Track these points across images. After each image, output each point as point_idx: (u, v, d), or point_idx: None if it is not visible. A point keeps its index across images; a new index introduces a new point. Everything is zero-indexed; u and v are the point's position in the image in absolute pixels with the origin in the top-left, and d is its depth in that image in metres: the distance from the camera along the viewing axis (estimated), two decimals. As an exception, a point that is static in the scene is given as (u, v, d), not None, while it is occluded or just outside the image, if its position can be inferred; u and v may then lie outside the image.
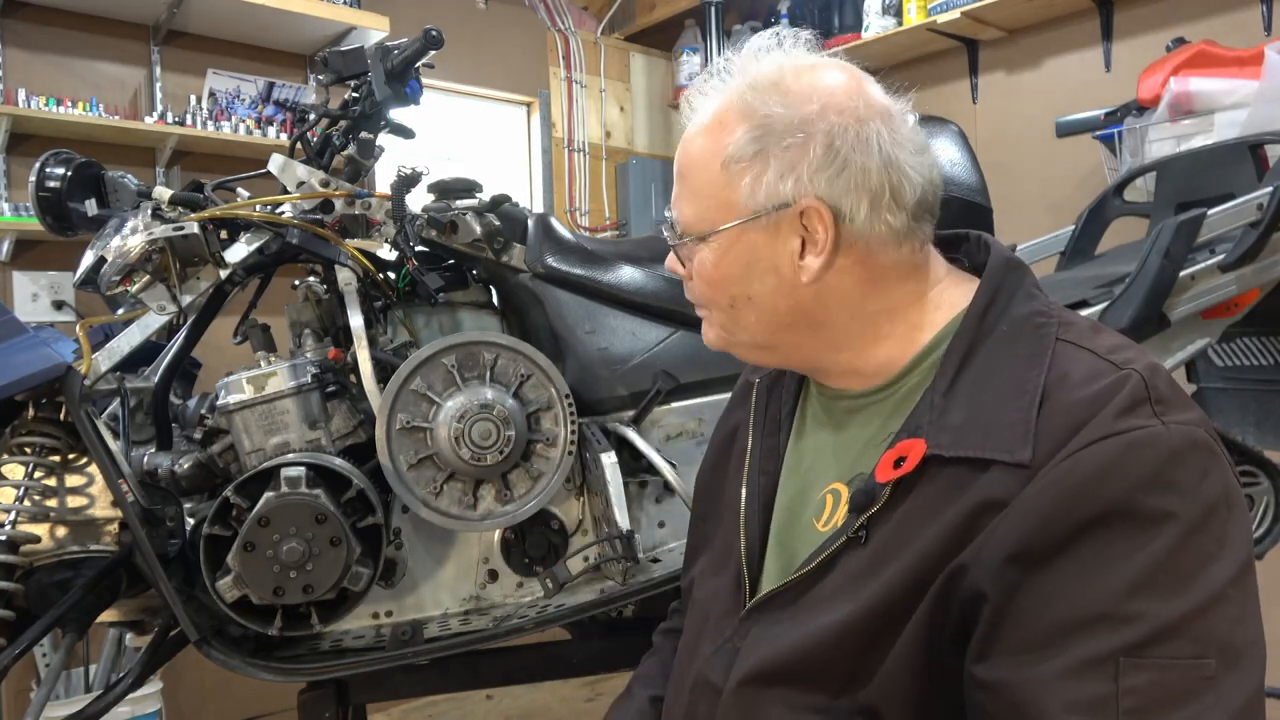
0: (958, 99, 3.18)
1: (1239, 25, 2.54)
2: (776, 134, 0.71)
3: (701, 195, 0.76)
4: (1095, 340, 0.68)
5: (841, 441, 0.80)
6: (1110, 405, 0.62)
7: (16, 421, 1.34)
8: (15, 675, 2.36)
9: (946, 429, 0.67)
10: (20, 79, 2.55)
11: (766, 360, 0.83)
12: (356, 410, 1.46)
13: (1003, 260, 0.75)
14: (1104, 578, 0.58)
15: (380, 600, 1.49)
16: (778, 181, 0.72)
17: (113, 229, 1.43)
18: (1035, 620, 0.60)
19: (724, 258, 0.76)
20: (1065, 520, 0.60)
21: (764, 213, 0.73)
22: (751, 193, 0.73)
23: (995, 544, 0.61)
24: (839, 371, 0.79)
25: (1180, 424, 0.61)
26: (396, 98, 1.48)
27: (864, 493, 0.70)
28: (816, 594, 0.72)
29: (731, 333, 0.80)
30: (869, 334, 0.76)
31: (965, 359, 0.70)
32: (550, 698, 3.07)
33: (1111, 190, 1.83)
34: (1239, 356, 1.68)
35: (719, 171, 0.74)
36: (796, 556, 0.78)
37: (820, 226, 0.72)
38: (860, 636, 0.67)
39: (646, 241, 1.64)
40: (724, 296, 0.78)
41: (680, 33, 3.94)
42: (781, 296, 0.75)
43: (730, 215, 0.74)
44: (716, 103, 0.76)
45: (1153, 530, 0.58)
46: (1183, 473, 0.60)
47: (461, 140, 3.56)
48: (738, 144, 0.73)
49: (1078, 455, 0.60)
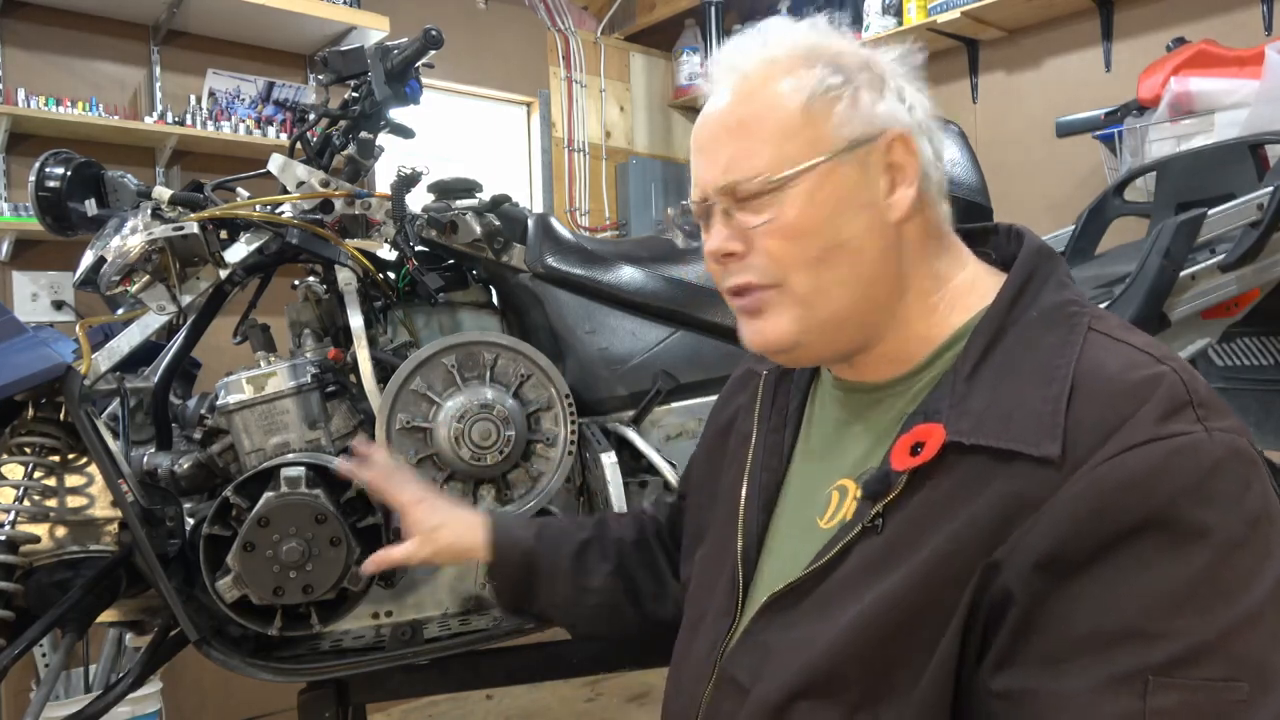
0: (958, 99, 3.18)
1: (1239, 25, 2.54)
2: (853, 69, 0.72)
3: (779, 139, 0.71)
4: (1129, 335, 0.66)
5: (853, 435, 0.78)
6: (1150, 404, 0.59)
7: (16, 421, 1.34)
8: (15, 675, 2.36)
9: (967, 414, 0.65)
10: (20, 79, 2.55)
11: (827, 349, 0.76)
12: (356, 410, 1.46)
13: (1036, 248, 0.73)
14: (1138, 591, 0.56)
15: (380, 600, 1.49)
16: (871, 106, 0.71)
17: (112, 229, 1.43)
18: (1063, 631, 0.58)
19: (814, 199, 0.71)
20: (1101, 528, 0.57)
21: (859, 143, 0.71)
22: (840, 124, 0.71)
23: (1027, 547, 0.59)
24: (877, 355, 0.75)
25: (1223, 431, 0.59)
26: (396, 98, 1.47)
27: (879, 480, 0.68)
28: (831, 586, 0.69)
29: (813, 306, 0.72)
30: (920, 302, 0.73)
31: (991, 343, 0.68)
32: (550, 698, 3.06)
33: (1111, 190, 1.83)
34: (1239, 356, 1.68)
35: (798, 112, 0.71)
36: (799, 554, 0.75)
37: (908, 156, 0.72)
38: (887, 627, 0.64)
39: (646, 241, 1.64)
40: (813, 248, 0.71)
41: (680, 33, 3.95)
42: (875, 238, 0.71)
43: (818, 151, 0.71)
44: (767, 57, 0.74)
45: (1191, 544, 0.56)
46: (1225, 484, 0.57)
47: (461, 140, 3.56)
48: (818, 79, 0.71)
49: (1118, 459, 0.57)
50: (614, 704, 3.01)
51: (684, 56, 3.94)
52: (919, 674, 0.63)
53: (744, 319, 0.76)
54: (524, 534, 1.03)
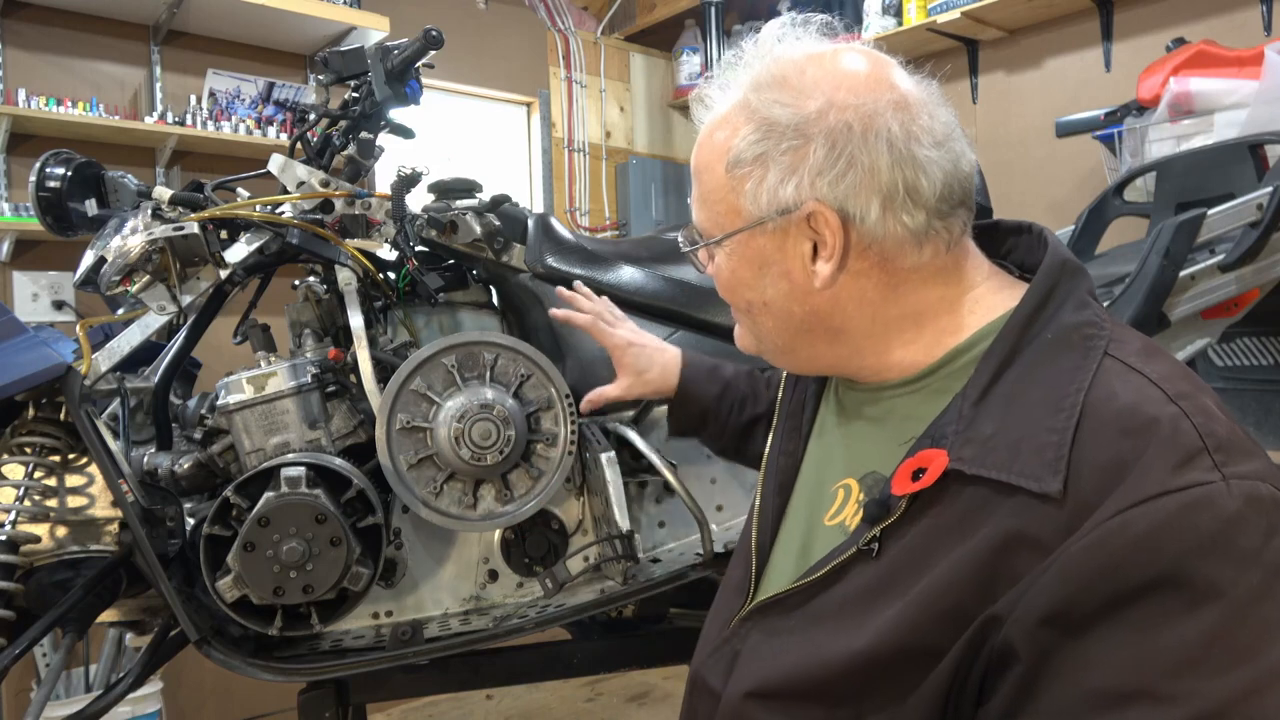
0: (958, 99, 3.18)
1: (1239, 25, 2.54)
2: (776, 136, 0.68)
3: (711, 200, 0.74)
4: (1148, 363, 0.62)
5: (856, 435, 0.78)
6: (1161, 447, 0.56)
7: (16, 421, 1.35)
8: (15, 675, 2.36)
9: (972, 442, 0.62)
10: (20, 79, 2.55)
11: (792, 365, 0.81)
12: (356, 410, 1.46)
13: (1059, 262, 0.69)
14: (1148, 651, 0.53)
15: (380, 600, 1.49)
16: (779, 186, 0.69)
17: (113, 229, 1.43)
18: (1069, 688, 0.55)
19: (736, 263, 0.74)
20: (1110, 585, 0.54)
21: (769, 218, 0.70)
22: (754, 198, 0.70)
23: (1032, 601, 0.56)
24: (868, 369, 0.76)
25: (1241, 478, 0.55)
26: (396, 98, 1.48)
27: (878, 504, 0.66)
28: (821, 605, 0.69)
29: (759, 337, 0.79)
30: (892, 339, 0.72)
31: (1002, 366, 0.65)
32: (550, 698, 3.07)
33: (1111, 190, 1.83)
34: (1239, 356, 1.68)
35: (724, 176, 0.72)
36: (808, 551, 0.76)
37: (828, 231, 0.68)
38: (873, 669, 0.62)
39: (646, 241, 1.63)
40: (740, 301, 0.77)
41: (680, 33, 3.95)
42: (795, 302, 0.72)
43: (738, 221, 0.72)
44: (726, 100, 0.74)
45: (1206, 603, 0.52)
46: (1245, 538, 0.53)
47: (461, 140, 3.56)
48: (739, 148, 0.70)
49: (1128, 514, 0.54)
50: (614, 704, 3.01)
51: (684, 56, 3.94)
52: (901, 715, 0.62)
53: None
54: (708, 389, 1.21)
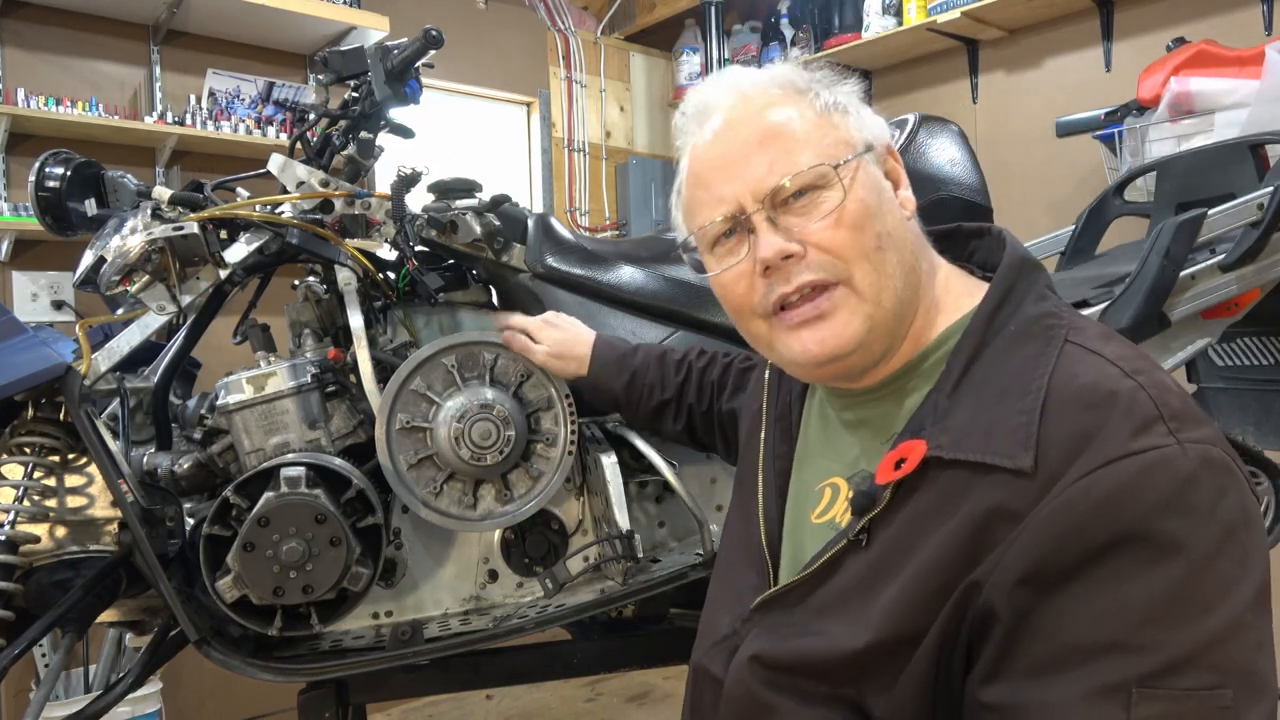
0: (958, 99, 3.18)
1: (1239, 25, 2.54)
2: (834, 90, 0.78)
3: (817, 138, 0.75)
4: (1105, 346, 0.67)
5: (841, 434, 0.81)
6: (1121, 417, 0.60)
7: (16, 421, 1.34)
8: (15, 675, 2.36)
9: (948, 430, 0.67)
10: (20, 79, 2.55)
11: (879, 347, 0.74)
12: (356, 410, 1.46)
13: (1018, 260, 0.74)
14: (1118, 605, 0.57)
15: (380, 600, 1.49)
16: (871, 120, 0.78)
17: (112, 229, 1.43)
18: (1047, 644, 0.59)
19: (863, 191, 0.73)
20: (1079, 544, 0.58)
21: (871, 147, 0.76)
22: (859, 128, 0.77)
23: (1008, 564, 0.60)
24: (883, 363, 0.76)
25: (1195, 442, 0.59)
26: (396, 98, 1.47)
27: (865, 495, 0.70)
28: (820, 599, 0.72)
29: (879, 300, 0.72)
30: (930, 295, 0.77)
31: (972, 359, 0.70)
32: (550, 698, 3.07)
33: (1111, 190, 1.83)
34: (1239, 356, 1.68)
35: (818, 119, 0.76)
36: (801, 549, 0.79)
37: (896, 165, 0.78)
38: (879, 653, 0.66)
39: (646, 241, 1.63)
40: (872, 235, 0.72)
41: (680, 33, 3.95)
42: (904, 228, 0.76)
43: (850, 149, 0.75)
44: (760, 85, 0.78)
45: (1168, 557, 0.57)
46: (1199, 495, 0.58)
47: (461, 140, 3.56)
48: (819, 98, 0.77)
49: (1092, 476, 0.58)
50: (614, 704, 3.01)
51: (684, 56, 3.94)
52: (898, 692, 0.65)
53: (801, 330, 0.74)
54: (617, 381, 1.35)
